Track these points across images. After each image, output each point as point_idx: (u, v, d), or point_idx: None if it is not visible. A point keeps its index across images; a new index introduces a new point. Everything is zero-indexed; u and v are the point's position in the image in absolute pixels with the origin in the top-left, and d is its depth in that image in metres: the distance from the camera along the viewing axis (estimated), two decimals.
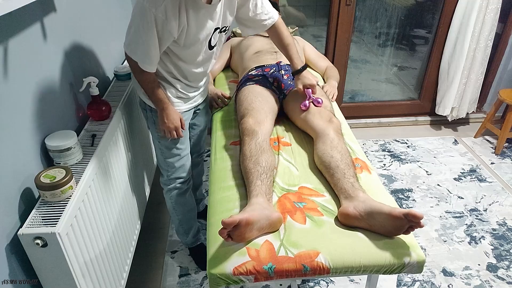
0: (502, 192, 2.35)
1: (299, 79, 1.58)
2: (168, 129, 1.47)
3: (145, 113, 1.56)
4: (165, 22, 1.21)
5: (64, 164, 1.25)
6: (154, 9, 1.18)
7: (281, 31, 1.58)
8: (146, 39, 1.24)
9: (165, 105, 1.43)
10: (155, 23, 1.20)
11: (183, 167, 1.65)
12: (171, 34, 1.25)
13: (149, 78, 1.38)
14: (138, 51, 1.29)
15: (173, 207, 1.74)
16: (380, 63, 3.12)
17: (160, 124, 1.48)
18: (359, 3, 2.74)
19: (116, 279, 1.46)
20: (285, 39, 1.58)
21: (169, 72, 1.43)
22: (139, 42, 1.26)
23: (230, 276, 1.08)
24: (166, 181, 1.68)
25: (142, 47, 1.27)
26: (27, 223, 1.04)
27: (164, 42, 1.28)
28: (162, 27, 1.22)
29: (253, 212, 1.10)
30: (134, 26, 1.25)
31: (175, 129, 1.48)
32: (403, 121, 3.10)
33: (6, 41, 1.06)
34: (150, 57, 1.29)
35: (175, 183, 1.67)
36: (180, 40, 1.29)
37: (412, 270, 1.13)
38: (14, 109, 1.08)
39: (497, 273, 1.84)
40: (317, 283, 1.79)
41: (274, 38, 1.61)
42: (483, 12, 2.52)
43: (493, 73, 2.96)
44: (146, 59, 1.30)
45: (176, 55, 1.38)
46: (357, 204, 1.17)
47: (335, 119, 1.53)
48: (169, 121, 1.45)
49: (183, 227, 1.81)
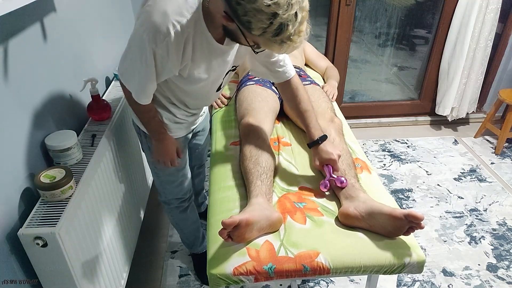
0: (502, 192, 2.35)
1: (316, 154, 1.33)
2: (163, 160, 1.37)
3: (139, 137, 1.44)
4: (165, 58, 1.04)
5: (64, 164, 1.25)
6: (154, 45, 1.00)
7: (297, 92, 1.33)
8: (142, 74, 1.09)
9: (161, 136, 1.31)
10: (154, 59, 1.04)
11: (181, 189, 1.56)
12: (171, 71, 1.11)
13: (145, 108, 1.23)
14: (132, 82, 1.14)
15: (175, 223, 1.70)
16: (380, 63, 3.12)
17: (155, 153, 1.37)
18: (359, 3, 2.73)
19: (116, 279, 1.46)
20: (302, 104, 1.34)
21: (166, 98, 1.29)
22: (135, 74, 1.11)
23: (230, 276, 1.08)
24: (165, 200, 1.61)
25: (138, 80, 1.12)
26: (27, 223, 1.04)
27: (162, 77, 1.13)
28: (162, 64, 1.06)
29: (253, 213, 1.10)
30: (130, 56, 1.09)
31: (170, 161, 1.38)
32: (403, 121, 3.10)
33: (6, 41, 1.05)
34: (145, 91, 1.15)
35: (175, 203, 1.60)
36: (184, 73, 1.14)
37: (412, 270, 1.13)
38: (14, 109, 1.08)
39: (497, 273, 1.84)
40: (317, 283, 1.79)
41: (288, 97, 1.37)
42: (483, 12, 2.52)
43: (493, 73, 2.96)
44: (141, 92, 1.15)
45: (177, 86, 1.23)
46: (358, 204, 1.17)
47: (337, 119, 1.53)
48: (165, 152, 1.34)
49: (188, 239, 1.78)
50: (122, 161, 1.62)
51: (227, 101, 1.90)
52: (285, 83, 1.35)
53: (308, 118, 1.35)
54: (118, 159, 1.57)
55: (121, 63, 1.14)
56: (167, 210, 1.65)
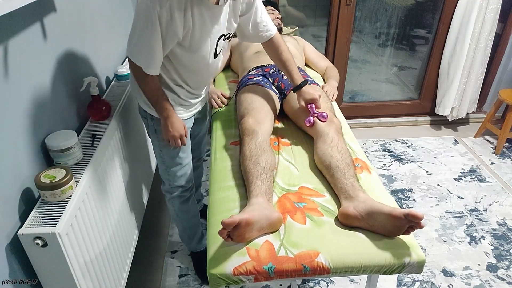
0: (502, 192, 2.35)
1: (300, 95, 1.55)
2: (173, 138, 1.42)
3: (146, 121, 1.51)
4: (169, 21, 1.15)
5: (64, 164, 1.25)
6: (158, 7, 1.12)
7: (279, 46, 1.53)
8: (150, 41, 1.19)
9: (170, 113, 1.38)
10: (159, 22, 1.15)
11: (185, 176, 1.61)
12: (176, 34, 1.20)
13: (153, 86, 1.33)
14: (142, 55, 1.24)
15: (176, 215, 1.72)
16: (380, 63, 3.12)
17: (164, 133, 1.42)
18: (359, 3, 2.74)
19: (116, 279, 1.46)
20: (284, 54, 1.54)
21: (172, 79, 1.39)
22: (144, 45, 1.21)
23: (230, 276, 1.08)
24: (168, 189, 1.64)
25: (147, 50, 1.21)
26: (27, 223, 1.04)
27: (168, 43, 1.23)
28: (167, 27, 1.17)
29: (253, 213, 1.10)
30: (138, 28, 1.19)
31: (180, 137, 1.43)
32: (403, 121, 3.10)
33: (6, 41, 1.05)
34: (154, 60, 1.24)
35: (177, 191, 1.63)
36: (185, 42, 1.25)
37: (412, 270, 1.13)
38: (14, 109, 1.08)
39: (497, 273, 1.84)
40: (317, 283, 1.79)
41: (272, 53, 1.57)
42: (483, 12, 2.52)
43: (493, 73, 2.96)
44: (150, 62, 1.25)
45: (180, 62, 1.33)
46: (357, 204, 1.17)
47: (336, 119, 1.53)
48: (174, 129, 1.40)
49: (187, 234, 1.79)
50: (123, 161, 1.62)
51: (227, 101, 1.90)
52: (269, 41, 1.53)
53: (290, 66, 1.55)
54: (118, 159, 1.57)
55: (129, 41, 1.24)
56: (169, 200, 1.67)
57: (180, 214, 1.71)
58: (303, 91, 1.54)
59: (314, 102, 1.52)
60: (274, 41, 1.53)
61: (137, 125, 1.88)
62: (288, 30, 2.37)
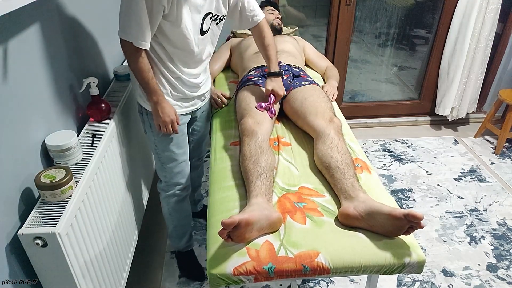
0: (502, 192, 2.35)
1: (272, 81, 1.61)
2: (163, 123, 1.43)
3: (141, 116, 1.53)
4: None
5: (64, 164, 1.25)
6: None
7: (264, 31, 1.59)
8: (137, 12, 1.22)
9: (160, 97, 1.39)
10: None
11: (181, 173, 1.62)
12: (161, 3, 1.22)
13: (144, 67, 1.33)
14: (131, 29, 1.26)
15: (169, 213, 1.72)
16: (380, 63, 3.12)
17: (155, 118, 1.43)
18: (359, 3, 2.74)
19: (116, 279, 1.46)
20: (266, 39, 1.60)
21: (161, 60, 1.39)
22: (131, 19, 1.24)
23: (230, 276, 1.08)
24: (164, 187, 1.65)
25: (134, 23, 1.24)
26: (27, 223, 1.04)
27: (155, 14, 1.25)
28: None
29: (252, 213, 1.10)
30: (124, 5, 1.24)
31: (170, 123, 1.43)
32: (403, 121, 3.10)
33: (6, 41, 1.05)
34: (143, 31, 1.26)
35: (173, 189, 1.64)
36: (171, 14, 1.27)
37: (412, 270, 1.13)
38: (14, 109, 1.08)
39: (497, 273, 1.84)
40: (317, 283, 1.79)
41: (256, 37, 1.62)
42: (483, 12, 2.52)
43: (493, 73, 2.96)
44: (139, 34, 1.26)
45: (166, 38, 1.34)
46: (357, 204, 1.17)
47: (336, 119, 1.53)
48: (164, 114, 1.41)
49: (177, 232, 1.79)
50: (122, 161, 1.62)
51: (227, 101, 1.90)
52: (255, 26, 1.59)
53: (270, 51, 1.62)
54: (118, 159, 1.57)
55: (120, 20, 1.28)
56: (164, 198, 1.68)
57: (173, 213, 1.72)
58: (276, 81, 1.61)
59: (277, 97, 1.61)
60: (260, 26, 1.58)
61: (137, 125, 1.88)
62: (288, 30, 2.37)
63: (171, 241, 1.87)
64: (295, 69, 1.84)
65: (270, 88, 1.60)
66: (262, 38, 1.60)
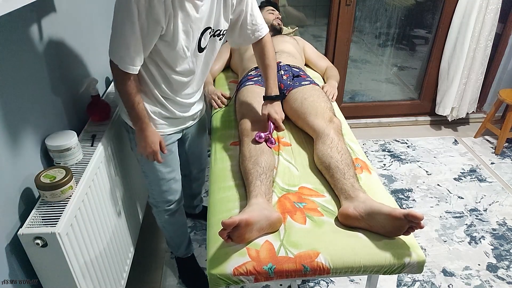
0: (502, 192, 2.35)
1: (269, 108, 1.47)
2: (145, 153, 1.33)
3: (128, 135, 1.44)
4: (149, 9, 1.07)
5: (64, 164, 1.25)
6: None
7: (266, 49, 1.44)
8: (128, 36, 1.11)
9: (144, 125, 1.28)
10: (137, 13, 1.07)
11: (169, 191, 1.53)
12: (158, 22, 1.10)
13: (131, 90, 1.21)
14: (120, 50, 1.15)
15: (162, 226, 1.68)
16: (380, 63, 3.12)
17: (137, 145, 1.33)
18: (359, 3, 2.73)
19: (116, 279, 1.46)
20: (268, 59, 1.45)
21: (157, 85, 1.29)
22: (120, 39, 1.13)
23: (230, 277, 1.08)
24: (153, 202, 1.59)
25: (124, 44, 1.13)
26: (27, 223, 1.04)
27: (152, 36, 1.13)
28: (147, 16, 1.08)
29: (252, 213, 1.10)
30: (115, 24, 1.13)
31: (153, 154, 1.32)
32: (403, 121, 3.10)
33: (6, 41, 1.05)
34: (132, 56, 1.15)
35: (163, 206, 1.57)
36: (168, 34, 1.15)
37: (412, 270, 1.13)
38: (14, 109, 1.08)
39: (497, 273, 1.84)
40: (317, 283, 1.79)
41: (257, 54, 1.48)
42: (483, 12, 2.52)
43: (493, 73, 2.96)
44: (127, 59, 1.15)
45: (163, 60, 1.24)
46: (357, 204, 1.17)
47: (336, 119, 1.53)
48: (147, 144, 1.30)
49: (174, 242, 1.76)
50: (122, 161, 1.62)
51: (227, 101, 1.90)
52: (258, 41, 1.44)
53: (270, 73, 1.47)
54: (118, 159, 1.57)
55: (111, 40, 1.17)
56: (155, 213, 1.63)
57: (166, 226, 1.67)
58: (275, 105, 1.47)
59: (277, 123, 1.46)
60: (262, 43, 1.44)
61: None
62: (288, 30, 2.37)
63: (170, 248, 1.85)
64: (295, 69, 1.84)
65: (266, 112, 1.46)
66: (263, 56, 1.46)
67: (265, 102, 1.49)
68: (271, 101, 1.48)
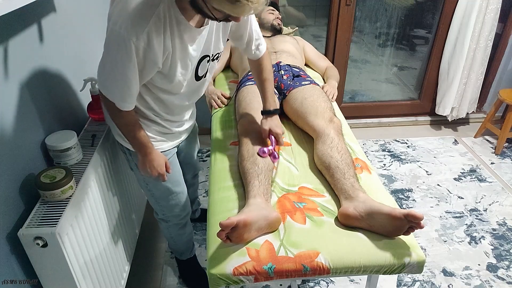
0: (502, 192, 2.35)
1: (268, 121, 1.44)
2: (151, 177, 1.31)
3: (125, 156, 1.39)
4: (147, 50, 1.01)
5: (64, 164, 1.25)
6: (134, 38, 0.97)
7: (263, 63, 1.42)
8: (125, 74, 1.04)
9: (148, 150, 1.24)
10: (135, 53, 1.00)
11: (179, 205, 1.50)
12: (155, 63, 1.06)
13: (129, 120, 1.17)
14: (116, 89, 1.08)
15: (171, 237, 1.65)
16: (380, 63, 3.12)
17: (141, 170, 1.29)
18: (359, 3, 2.73)
19: (116, 279, 1.46)
20: (265, 73, 1.43)
21: (150, 109, 1.25)
22: (117, 79, 1.05)
23: (230, 276, 1.08)
24: (163, 218, 1.56)
25: (121, 84, 1.06)
26: (27, 223, 1.04)
27: (146, 74, 1.09)
28: (144, 57, 1.03)
29: (250, 213, 1.10)
30: (109, 59, 1.04)
31: (159, 176, 1.31)
32: (403, 121, 3.10)
33: (6, 41, 1.06)
34: (130, 95, 1.10)
35: (174, 220, 1.55)
36: (165, 68, 1.11)
37: (412, 270, 1.13)
38: (14, 109, 1.08)
39: (497, 273, 1.84)
40: (317, 283, 1.79)
41: (253, 68, 1.45)
42: (483, 12, 2.52)
43: (493, 73, 2.96)
44: (126, 97, 1.10)
45: (157, 87, 1.19)
46: (357, 204, 1.17)
47: (336, 118, 1.53)
48: (153, 168, 1.27)
49: (180, 249, 1.74)
50: (122, 161, 1.62)
51: (227, 101, 1.90)
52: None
53: (267, 87, 1.45)
54: (119, 159, 1.57)
55: (100, 72, 1.09)
56: (165, 227, 1.60)
57: (175, 237, 1.65)
58: (273, 119, 1.45)
59: (278, 136, 1.44)
60: (260, 58, 1.42)
61: None
62: (288, 30, 2.37)
63: (173, 252, 1.81)
64: (295, 69, 1.84)
65: (267, 128, 1.43)
66: (260, 70, 1.43)
67: (264, 117, 1.46)
68: (270, 115, 1.45)
